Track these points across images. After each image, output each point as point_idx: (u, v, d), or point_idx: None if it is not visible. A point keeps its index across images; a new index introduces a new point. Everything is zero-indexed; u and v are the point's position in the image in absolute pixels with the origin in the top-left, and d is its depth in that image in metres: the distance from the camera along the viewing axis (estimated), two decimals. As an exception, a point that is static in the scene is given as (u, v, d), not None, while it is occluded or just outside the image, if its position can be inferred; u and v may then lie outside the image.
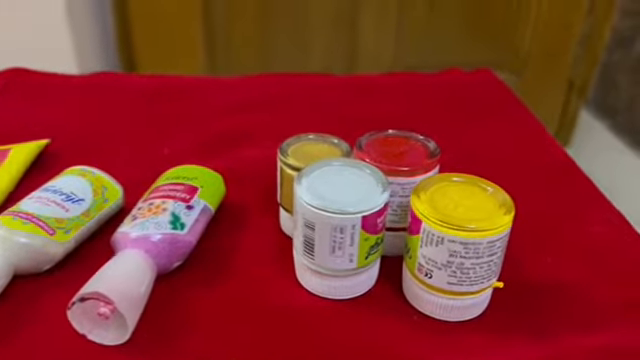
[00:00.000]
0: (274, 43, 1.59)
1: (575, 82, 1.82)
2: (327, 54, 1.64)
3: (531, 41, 1.72)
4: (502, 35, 1.67)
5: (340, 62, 1.62)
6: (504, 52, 1.70)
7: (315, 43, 1.61)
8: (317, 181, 0.39)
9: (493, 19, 1.63)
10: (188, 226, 0.42)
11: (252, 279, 0.42)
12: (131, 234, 0.41)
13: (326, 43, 1.61)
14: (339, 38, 1.62)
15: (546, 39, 1.73)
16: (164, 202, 0.43)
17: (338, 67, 1.62)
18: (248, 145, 0.60)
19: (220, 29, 1.55)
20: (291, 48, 1.60)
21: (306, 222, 0.38)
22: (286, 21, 1.56)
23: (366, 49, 1.64)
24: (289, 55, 1.59)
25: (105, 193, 0.46)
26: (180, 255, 0.41)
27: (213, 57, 1.57)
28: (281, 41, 1.59)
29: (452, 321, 0.39)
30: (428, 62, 1.67)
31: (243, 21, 1.55)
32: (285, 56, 1.59)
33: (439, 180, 0.39)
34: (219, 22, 1.55)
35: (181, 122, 0.64)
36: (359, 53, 1.64)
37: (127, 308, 0.35)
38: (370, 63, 1.65)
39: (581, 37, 1.76)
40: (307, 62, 1.60)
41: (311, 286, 0.41)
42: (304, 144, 0.45)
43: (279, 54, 1.59)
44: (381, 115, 0.67)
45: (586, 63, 1.80)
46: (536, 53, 1.72)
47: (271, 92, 0.72)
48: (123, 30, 1.53)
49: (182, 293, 0.41)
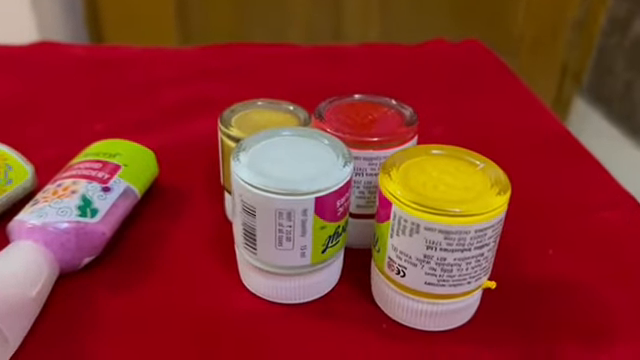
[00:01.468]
0: (251, 20, 1.50)
1: (569, 67, 1.75)
2: (308, 34, 1.55)
3: (523, 23, 1.64)
4: (493, 16, 1.59)
5: (323, 40, 1.54)
6: (495, 34, 1.63)
7: (296, 22, 1.52)
8: (260, 156, 0.30)
9: (484, 2, 1.55)
10: (101, 213, 0.34)
11: (182, 277, 0.34)
12: (27, 222, 0.32)
13: (307, 22, 1.53)
14: (321, 17, 1.53)
15: (539, 21, 1.65)
16: (75, 183, 0.34)
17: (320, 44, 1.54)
18: (196, 119, 0.51)
19: (194, 4, 1.46)
20: (270, 27, 1.51)
21: (245, 206, 0.29)
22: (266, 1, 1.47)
23: (350, 29, 1.56)
24: (267, 34, 1.50)
25: (9, 173, 0.37)
26: (91, 249, 0.33)
27: (186, 32, 1.48)
28: (259, 19, 1.50)
29: (431, 330, 0.31)
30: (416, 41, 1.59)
31: (219, 0, 1.46)
32: (263, 35, 1.50)
33: (414, 153, 0.31)
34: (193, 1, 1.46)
35: (122, 95, 0.55)
36: (343, 33, 1.56)
37: (5, 317, 0.27)
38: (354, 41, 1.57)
39: (576, 20, 1.68)
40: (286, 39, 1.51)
41: (254, 287, 0.33)
42: (251, 112, 0.37)
43: (256, 32, 1.50)
44: (355, 86, 0.58)
45: (581, 47, 1.72)
46: (529, 36, 1.64)
47: (231, 63, 0.63)
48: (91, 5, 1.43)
49: (92, 295, 0.32)
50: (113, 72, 0.60)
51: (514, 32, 1.65)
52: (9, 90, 0.55)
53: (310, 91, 0.56)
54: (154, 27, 1.48)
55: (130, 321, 0.31)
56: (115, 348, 0.29)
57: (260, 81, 0.59)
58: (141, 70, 0.60)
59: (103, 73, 0.59)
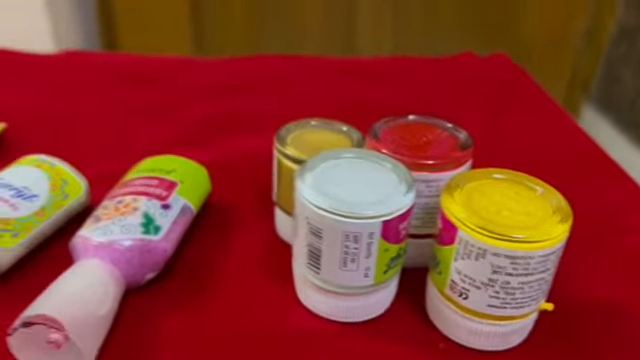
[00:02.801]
0: (265, 29, 1.51)
1: (578, 75, 1.76)
2: (322, 43, 1.56)
3: (533, 32, 1.65)
4: (504, 26, 1.60)
5: (336, 52, 1.55)
6: (505, 43, 1.64)
7: (309, 31, 1.53)
8: (324, 177, 0.31)
9: (495, 8, 1.56)
10: (164, 230, 0.34)
11: (241, 295, 0.35)
12: (92, 239, 0.33)
13: (321, 31, 1.54)
14: (335, 26, 1.54)
15: (549, 30, 1.66)
16: (135, 200, 0.35)
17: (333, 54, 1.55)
18: (237, 133, 0.52)
19: (208, 13, 1.47)
20: (283, 37, 1.52)
21: (311, 228, 0.30)
22: (279, 7, 1.48)
23: (363, 38, 1.57)
24: (280, 44, 1.51)
25: (65, 188, 0.38)
26: (153, 265, 0.34)
27: (199, 40, 1.49)
28: (272, 29, 1.51)
29: (487, 350, 0.32)
30: (428, 52, 1.60)
31: (232, 6, 1.47)
32: (276, 45, 1.51)
33: (475, 177, 0.32)
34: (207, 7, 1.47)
35: (159, 107, 0.56)
36: (355, 44, 1.57)
37: (82, 335, 0.28)
38: (367, 53, 1.58)
39: (585, 29, 1.69)
40: (300, 49, 1.52)
41: (314, 305, 0.33)
42: (306, 132, 0.38)
43: (270, 42, 1.51)
44: (390, 101, 0.59)
45: (589, 56, 1.73)
46: (538, 44, 1.65)
47: (262, 75, 0.64)
48: (105, 9, 1.44)
49: (155, 312, 0.33)
50: (146, 83, 0.60)
51: (524, 41, 1.66)
52: (42, 101, 0.56)
53: (347, 105, 0.57)
54: (168, 34, 1.49)
55: (192, 338, 0.32)
56: (183, 365, 0.30)
57: (296, 95, 0.60)
58: (175, 82, 0.61)
59: (137, 84, 0.60)
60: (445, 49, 1.59)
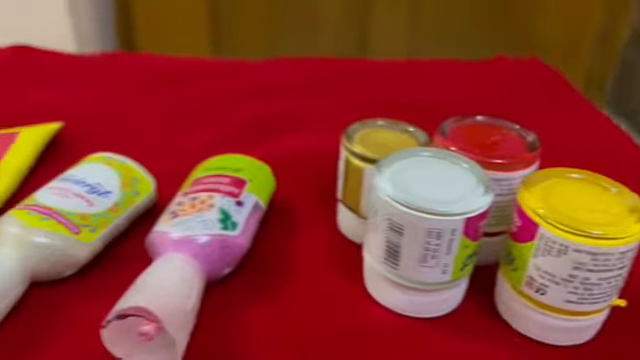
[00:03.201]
0: (282, 31, 1.52)
1: (593, 79, 1.76)
2: (336, 42, 1.57)
3: (549, 34, 1.66)
4: (519, 29, 1.61)
5: (349, 51, 1.55)
6: (521, 46, 1.64)
7: (324, 33, 1.54)
8: (402, 175, 0.32)
9: (511, 12, 1.56)
10: (240, 226, 0.35)
11: (313, 290, 0.35)
12: (172, 234, 0.34)
13: (335, 30, 1.54)
14: (349, 25, 1.55)
15: (565, 33, 1.66)
16: (210, 197, 0.36)
17: (347, 55, 1.55)
18: (285, 133, 0.52)
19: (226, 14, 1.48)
20: (299, 37, 1.53)
21: (392, 224, 0.31)
22: (295, 10, 1.49)
23: (377, 41, 1.57)
24: (296, 44, 1.52)
25: (136, 185, 0.39)
26: (231, 260, 0.35)
27: (218, 41, 1.50)
28: (289, 30, 1.52)
29: (561, 345, 0.32)
30: (442, 52, 1.60)
31: (250, 8, 1.48)
32: (292, 45, 1.52)
33: (551, 175, 0.33)
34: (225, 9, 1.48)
35: (207, 107, 0.57)
36: (370, 43, 1.57)
37: (176, 326, 0.28)
38: (381, 53, 1.59)
39: (600, 33, 1.70)
40: (315, 50, 1.53)
41: (387, 300, 0.34)
42: (373, 131, 0.39)
43: (286, 42, 1.52)
44: (431, 102, 0.60)
45: (604, 59, 1.74)
46: (553, 47, 1.66)
47: (301, 76, 0.65)
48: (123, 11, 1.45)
49: (233, 307, 0.34)
50: (192, 85, 0.61)
51: (539, 44, 1.67)
52: (92, 101, 0.57)
53: (389, 106, 0.58)
54: (186, 35, 1.50)
55: (271, 332, 0.32)
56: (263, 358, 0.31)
57: (340, 96, 0.61)
58: (220, 83, 0.62)
59: (182, 85, 0.61)
60: (460, 52, 1.60)
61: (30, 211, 0.34)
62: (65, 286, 0.34)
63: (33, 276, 0.33)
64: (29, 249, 0.33)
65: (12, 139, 0.45)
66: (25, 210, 0.34)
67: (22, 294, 0.32)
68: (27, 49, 0.66)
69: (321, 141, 0.51)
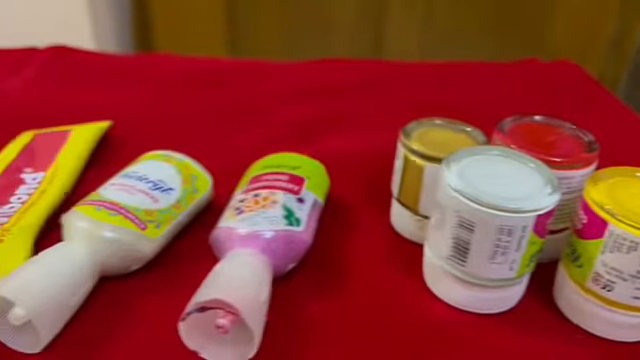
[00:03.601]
0: (297, 32, 1.53)
1: (605, 82, 1.77)
2: (351, 43, 1.57)
3: (560, 39, 1.66)
4: (531, 32, 1.61)
5: (364, 52, 1.56)
6: (533, 49, 1.65)
7: (339, 32, 1.55)
8: (470, 172, 0.32)
9: (523, 15, 1.57)
10: (303, 222, 0.36)
11: (375, 286, 0.36)
12: (239, 230, 0.34)
13: (350, 32, 1.55)
14: (364, 28, 1.56)
15: (576, 37, 1.67)
16: (272, 193, 0.36)
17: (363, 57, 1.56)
18: (333, 133, 0.53)
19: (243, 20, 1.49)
20: (315, 38, 1.53)
21: (462, 221, 0.31)
22: (310, 8, 1.49)
23: (391, 42, 1.58)
24: (312, 46, 1.53)
25: (195, 182, 0.39)
26: (295, 256, 0.35)
27: (234, 42, 1.51)
28: (305, 32, 1.52)
29: (625, 341, 0.33)
30: (454, 56, 1.61)
31: (266, 9, 1.49)
32: (308, 46, 1.53)
33: (615, 174, 0.33)
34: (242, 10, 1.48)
35: (253, 107, 0.57)
36: (384, 46, 1.58)
37: (253, 319, 0.29)
38: (395, 55, 1.59)
39: (612, 38, 1.70)
40: (330, 51, 1.54)
41: (451, 296, 0.34)
42: (429, 130, 0.39)
43: (301, 42, 1.53)
44: (471, 104, 0.61)
45: (616, 65, 1.75)
46: (565, 51, 1.67)
47: (338, 78, 0.65)
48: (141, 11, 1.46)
49: (299, 301, 0.34)
50: (232, 86, 0.62)
51: (551, 48, 1.68)
52: (142, 101, 0.57)
53: (430, 107, 0.58)
54: (203, 36, 1.51)
55: (337, 326, 0.33)
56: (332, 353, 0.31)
57: (370, 97, 0.61)
58: (259, 84, 0.62)
59: (222, 86, 0.61)
60: (472, 56, 1.61)
61: (97, 207, 0.34)
62: (131, 280, 0.35)
63: (101, 271, 0.34)
64: (98, 244, 0.33)
65: (64, 137, 0.46)
66: (92, 206, 0.35)
67: (91, 289, 0.33)
68: (66, 49, 0.67)
69: (367, 141, 0.52)
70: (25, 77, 0.61)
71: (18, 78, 0.61)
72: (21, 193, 0.40)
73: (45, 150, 0.44)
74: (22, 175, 0.42)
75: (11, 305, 0.29)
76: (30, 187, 0.40)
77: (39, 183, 0.41)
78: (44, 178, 0.41)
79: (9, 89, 0.58)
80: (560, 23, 1.64)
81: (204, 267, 0.37)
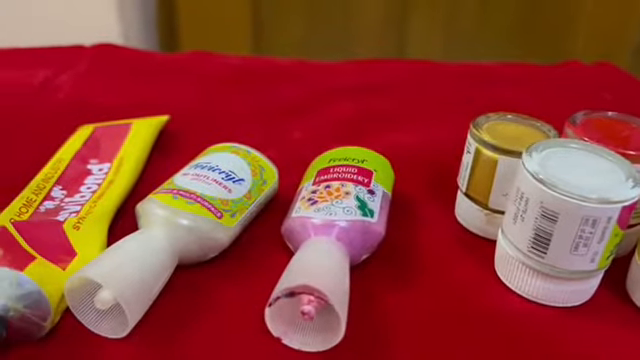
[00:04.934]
0: (321, 35, 1.54)
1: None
2: (374, 49, 1.58)
3: (583, 47, 1.66)
4: (553, 38, 1.61)
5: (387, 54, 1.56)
6: (554, 56, 1.65)
7: (362, 40, 1.55)
8: (551, 163, 0.32)
9: (546, 21, 1.57)
10: (376, 213, 0.36)
11: (447, 278, 0.36)
12: (315, 220, 0.34)
13: (373, 41, 1.56)
14: (387, 36, 1.56)
15: (598, 45, 1.67)
16: (343, 185, 0.37)
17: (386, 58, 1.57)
18: (383, 130, 0.53)
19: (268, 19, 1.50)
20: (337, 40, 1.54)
21: (545, 211, 0.31)
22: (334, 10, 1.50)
23: (414, 46, 1.58)
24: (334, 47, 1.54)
25: (263, 174, 0.40)
26: (370, 247, 0.35)
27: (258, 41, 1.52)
28: (328, 34, 1.53)
29: None
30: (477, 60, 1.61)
31: (291, 13, 1.50)
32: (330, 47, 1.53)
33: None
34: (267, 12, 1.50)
35: (300, 104, 0.57)
36: (406, 49, 1.59)
37: (341, 306, 0.29)
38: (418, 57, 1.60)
39: (636, 45, 1.70)
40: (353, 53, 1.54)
41: (525, 289, 0.34)
42: (497, 123, 0.39)
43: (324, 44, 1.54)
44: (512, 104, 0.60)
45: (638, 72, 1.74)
46: (587, 58, 1.66)
47: (383, 76, 0.66)
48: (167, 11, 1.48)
49: (374, 291, 0.34)
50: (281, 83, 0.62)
51: (573, 54, 1.67)
52: (192, 97, 0.58)
53: (463, 108, 0.59)
54: (228, 40, 1.52)
55: (412, 319, 0.33)
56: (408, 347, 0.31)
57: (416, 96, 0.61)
58: (306, 82, 0.63)
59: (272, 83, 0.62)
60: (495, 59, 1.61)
61: (174, 195, 0.35)
62: (207, 268, 0.35)
63: (180, 258, 0.34)
64: (177, 231, 0.33)
65: (126, 130, 0.46)
66: (169, 194, 0.35)
67: (170, 276, 0.33)
68: (113, 47, 0.67)
69: (420, 137, 0.52)
70: (75, 73, 0.62)
71: (68, 74, 0.61)
72: (90, 183, 0.40)
73: (108, 142, 0.45)
74: (88, 166, 0.42)
75: (97, 289, 0.29)
76: (97, 177, 0.41)
77: (105, 174, 0.41)
78: (110, 168, 0.42)
79: (61, 84, 0.59)
80: (583, 28, 1.64)
81: (275, 256, 0.37)
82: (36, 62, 0.64)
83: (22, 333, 0.29)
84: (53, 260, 0.31)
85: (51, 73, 0.61)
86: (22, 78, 0.59)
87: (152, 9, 1.48)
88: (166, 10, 1.51)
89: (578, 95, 0.63)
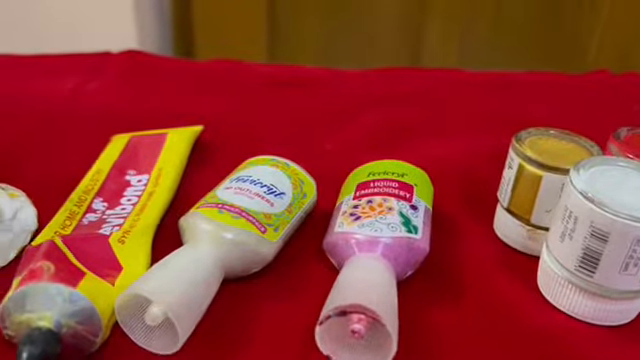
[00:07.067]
0: (337, 42, 1.54)
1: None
2: (389, 57, 1.58)
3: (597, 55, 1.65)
4: (568, 47, 1.60)
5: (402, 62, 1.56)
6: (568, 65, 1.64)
7: (378, 46, 1.55)
8: (599, 181, 0.32)
9: (560, 29, 1.56)
10: (420, 229, 0.36)
11: (491, 295, 0.36)
12: (358, 235, 0.34)
13: (389, 46, 1.56)
14: (403, 42, 1.56)
15: (612, 53, 1.66)
16: (385, 200, 0.36)
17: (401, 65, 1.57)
18: (415, 141, 0.53)
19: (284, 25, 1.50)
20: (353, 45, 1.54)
21: (595, 231, 0.31)
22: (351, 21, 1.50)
23: (429, 53, 1.58)
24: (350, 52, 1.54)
25: (302, 187, 0.40)
26: (415, 263, 0.35)
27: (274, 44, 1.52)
28: (344, 40, 1.53)
29: None
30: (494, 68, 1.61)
31: (307, 19, 1.50)
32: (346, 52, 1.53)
33: None
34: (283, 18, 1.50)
35: (332, 113, 0.57)
36: (422, 56, 1.58)
37: (393, 325, 0.29)
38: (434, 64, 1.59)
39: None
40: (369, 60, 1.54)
41: (572, 307, 0.34)
42: (538, 139, 0.39)
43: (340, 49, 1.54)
44: (539, 115, 0.60)
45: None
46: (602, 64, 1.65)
47: (409, 85, 0.65)
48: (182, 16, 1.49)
49: (419, 308, 0.34)
50: (304, 92, 0.62)
51: (587, 63, 1.66)
52: (216, 108, 0.57)
53: (493, 119, 0.58)
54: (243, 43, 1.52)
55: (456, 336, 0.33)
56: None
57: (442, 106, 0.61)
58: (331, 91, 0.63)
59: (296, 93, 0.62)
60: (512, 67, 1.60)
61: (220, 209, 0.35)
62: (251, 283, 0.35)
63: (224, 273, 0.34)
64: (223, 246, 0.33)
65: (162, 140, 0.46)
66: (214, 208, 0.35)
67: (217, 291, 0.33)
68: (141, 54, 0.67)
69: (453, 149, 0.51)
70: (105, 80, 0.62)
71: (98, 81, 0.61)
72: (129, 195, 0.40)
73: (145, 152, 0.45)
74: (127, 177, 0.42)
75: (146, 305, 0.29)
76: (137, 189, 0.41)
77: (145, 185, 0.41)
78: (149, 180, 0.42)
79: (91, 91, 0.59)
80: (598, 35, 1.63)
81: (316, 270, 0.37)
82: (64, 68, 0.64)
83: (74, 349, 0.29)
84: (101, 275, 0.31)
85: (80, 80, 0.61)
86: (52, 85, 0.59)
87: (167, 15, 1.49)
88: (181, 15, 1.51)
89: (609, 107, 0.63)
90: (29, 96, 0.57)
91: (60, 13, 1.33)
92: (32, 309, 0.28)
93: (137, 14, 1.37)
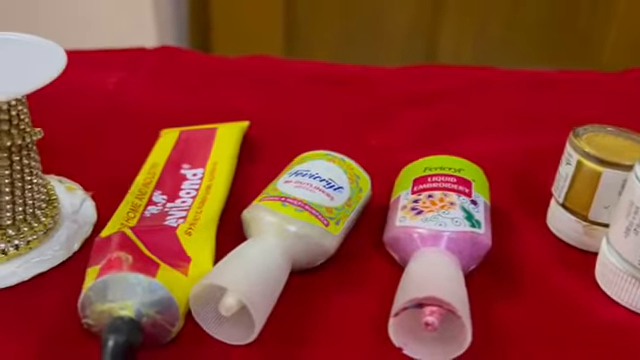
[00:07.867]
0: (353, 39, 1.54)
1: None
2: (405, 54, 1.58)
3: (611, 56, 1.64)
4: (582, 48, 1.60)
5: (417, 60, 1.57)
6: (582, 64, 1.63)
7: (392, 44, 1.56)
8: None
9: (575, 30, 1.56)
10: (483, 224, 0.36)
11: (551, 291, 0.36)
12: (422, 230, 0.34)
13: (403, 48, 1.57)
14: (417, 40, 1.57)
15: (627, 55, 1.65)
16: (446, 195, 0.37)
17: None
18: (458, 138, 0.53)
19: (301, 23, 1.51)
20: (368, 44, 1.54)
21: (664, 226, 0.31)
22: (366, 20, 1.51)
23: (444, 52, 1.58)
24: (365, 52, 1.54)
25: (358, 182, 0.40)
26: (478, 258, 0.35)
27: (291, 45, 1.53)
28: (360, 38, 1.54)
29: None
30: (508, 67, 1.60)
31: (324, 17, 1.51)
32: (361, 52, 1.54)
33: None
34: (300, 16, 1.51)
35: (370, 111, 0.58)
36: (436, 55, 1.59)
37: (467, 317, 0.29)
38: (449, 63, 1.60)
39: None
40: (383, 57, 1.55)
41: (635, 302, 0.34)
42: (595, 135, 0.39)
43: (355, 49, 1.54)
44: (576, 113, 0.60)
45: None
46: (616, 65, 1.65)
47: (443, 83, 0.65)
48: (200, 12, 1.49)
49: (482, 302, 0.34)
50: (342, 89, 0.62)
51: (602, 62, 1.66)
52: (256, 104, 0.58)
53: (533, 117, 0.58)
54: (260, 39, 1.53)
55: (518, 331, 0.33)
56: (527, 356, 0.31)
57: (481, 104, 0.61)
58: (368, 88, 0.63)
59: (334, 90, 0.62)
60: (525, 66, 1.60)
61: (283, 202, 0.35)
62: (314, 275, 0.36)
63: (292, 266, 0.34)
64: (289, 238, 0.34)
65: (212, 134, 0.46)
66: (277, 201, 0.35)
67: (285, 283, 0.34)
68: (176, 50, 0.68)
69: (498, 145, 0.52)
70: (143, 76, 0.62)
71: (137, 77, 0.62)
72: (188, 188, 0.40)
73: (197, 146, 0.45)
74: (182, 171, 0.42)
75: (218, 297, 0.30)
76: (193, 183, 0.41)
77: (200, 179, 0.41)
78: (204, 174, 0.42)
79: (132, 87, 0.60)
80: (613, 34, 1.62)
81: (377, 264, 0.37)
82: (101, 64, 0.65)
83: (152, 338, 0.29)
84: (173, 265, 0.32)
85: (120, 75, 0.62)
86: (94, 80, 0.60)
87: (185, 10, 1.49)
88: (199, 11, 1.52)
89: None
90: (74, 90, 0.57)
91: (78, 8, 1.34)
92: (114, 298, 0.28)
93: (155, 10, 1.38)
